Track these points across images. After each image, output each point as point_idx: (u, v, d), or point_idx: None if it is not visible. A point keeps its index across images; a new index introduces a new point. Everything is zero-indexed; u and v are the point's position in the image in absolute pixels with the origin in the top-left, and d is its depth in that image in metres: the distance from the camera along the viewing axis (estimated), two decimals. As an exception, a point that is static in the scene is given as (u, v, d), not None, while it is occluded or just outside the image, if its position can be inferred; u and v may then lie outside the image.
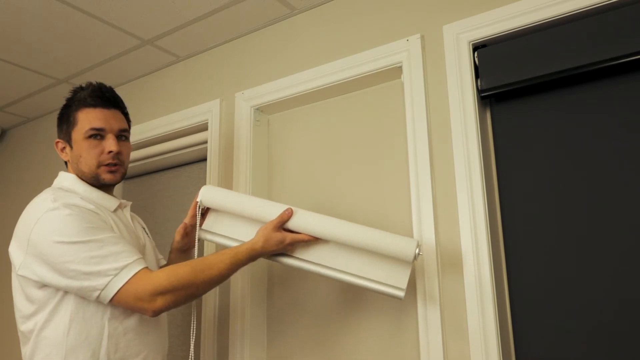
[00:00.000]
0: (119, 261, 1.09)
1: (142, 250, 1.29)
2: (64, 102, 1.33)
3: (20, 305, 1.16)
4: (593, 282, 1.18)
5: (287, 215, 1.21)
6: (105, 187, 1.29)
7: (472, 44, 1.36)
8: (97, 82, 1.30)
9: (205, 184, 1.91)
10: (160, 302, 1.09)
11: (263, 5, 1.70)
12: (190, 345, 1.28)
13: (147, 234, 1.42)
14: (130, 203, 1.37)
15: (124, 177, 1.31)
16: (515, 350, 1.25)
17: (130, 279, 1.09)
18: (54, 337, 1.11)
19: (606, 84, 1.24)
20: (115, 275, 1.08)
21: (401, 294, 1.15)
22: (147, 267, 1.13)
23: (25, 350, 1.15)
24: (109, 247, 1.10)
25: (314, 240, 1.22)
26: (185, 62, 2.07)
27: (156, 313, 1.11)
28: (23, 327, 1.15)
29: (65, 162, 1.31)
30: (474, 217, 1.26)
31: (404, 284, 1.16)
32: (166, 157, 2.11)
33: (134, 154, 2.17)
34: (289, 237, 1.21)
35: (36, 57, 2.02)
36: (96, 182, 1.26)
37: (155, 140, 2.09)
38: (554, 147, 1.28)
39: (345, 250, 1.22)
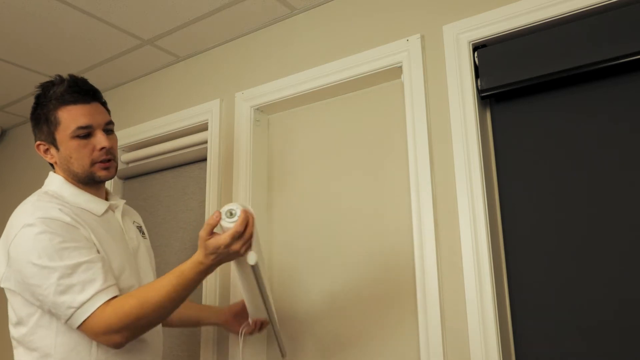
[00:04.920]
0: (84, 292, 1.04)
1: (132, 255, 1.24)
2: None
3: (9, 312, 1.14)
4: (593, 282, 1.18)
5: (215, 219, 1.05)
6: (95, 188, 1.24)
7: (472, 44, 1.36)
8: (69, 75, 1.21)
9: (205, 184, 1.91)
10: (116, 338, 1.05)
11: (263, 5, 1.70)
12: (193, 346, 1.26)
13: (143, 233, 1.37)
14: (123, 202, 1.32)
15: (117, 170, 1.26)
16: (515, 351, 1.25)
17: (92, 313, 1.03)
18: (42, 346, 1.09)
19: (606, 84, 1.24)
20: (78, 308, 1.03)
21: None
22: (110, 299, 1.06)
23: (17, 355, 1.14)
24: (78, 275, 1.04)
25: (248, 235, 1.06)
26: (185, 62, 2.07)
27: (117, 347, 1.07)
28: (12, 332, 1.14)
29: (51, 164, 1.25)
30: (474, 217, 1.26)
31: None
32: (166, 157, 2.10)
33: (134, 154, 2.17)
34: (225, 235, 1.04)
35: (36, 57, 2.02)
36: (91, 181, 1.20)
37: (155, 140, 2.09)
38: (554, 147, 1.28)
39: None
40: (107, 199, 1.29)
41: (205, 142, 1.93)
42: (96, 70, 2.12)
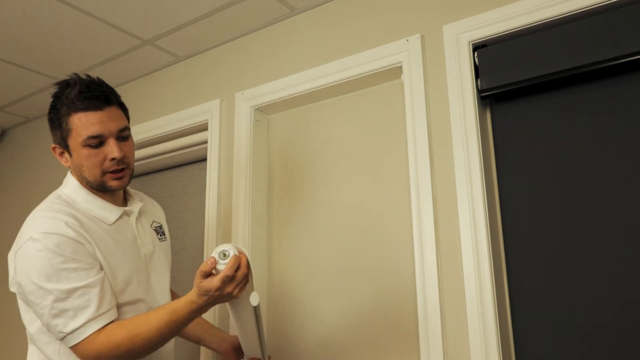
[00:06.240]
0: (76, 318, 1.04)
1: (144, 262, 1.22)
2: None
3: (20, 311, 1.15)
4: (593, 282, 1.18)
5: (209, 266, 1.05)
6: (110, 194, 1.21)
7: (472, 44, 1.36)
8: (84, 77, 1.16)
9: (205, 184, 1.91)
10: None
11: (263, 5, 1.70)
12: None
13: (162, 234, 1.34)
14: (139, 206, 1.27)
15: (132, 177, 1.21)
16: (515, 351, 1.25)
17: (83, 340, 1.04)
18: (47, 352, 1.10)
19: (606, 84, 1.24)
20: (69, 334, 1.04)
21: None
22: (101, 328, 1.05)
23: (30, 352, 1.15)
24: (72, 300, 1.04)
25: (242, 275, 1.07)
26: (185, 62, 2.07)
27: None
28: (26, 330, 1.15)
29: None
30: (474, 218, 1.26)
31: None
32: (166, 157, 2.11)
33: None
34: (216, 279, 1.04)
35: (36, 57, 2.01)
36: (103, 189, 1.17)
37: (155, 140, 2.09)
38: (554, 147, 1.28)
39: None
40: (125, 199, 1.28)
41: (205, 142, 1.93)
42: (96, 70, 2.12)
